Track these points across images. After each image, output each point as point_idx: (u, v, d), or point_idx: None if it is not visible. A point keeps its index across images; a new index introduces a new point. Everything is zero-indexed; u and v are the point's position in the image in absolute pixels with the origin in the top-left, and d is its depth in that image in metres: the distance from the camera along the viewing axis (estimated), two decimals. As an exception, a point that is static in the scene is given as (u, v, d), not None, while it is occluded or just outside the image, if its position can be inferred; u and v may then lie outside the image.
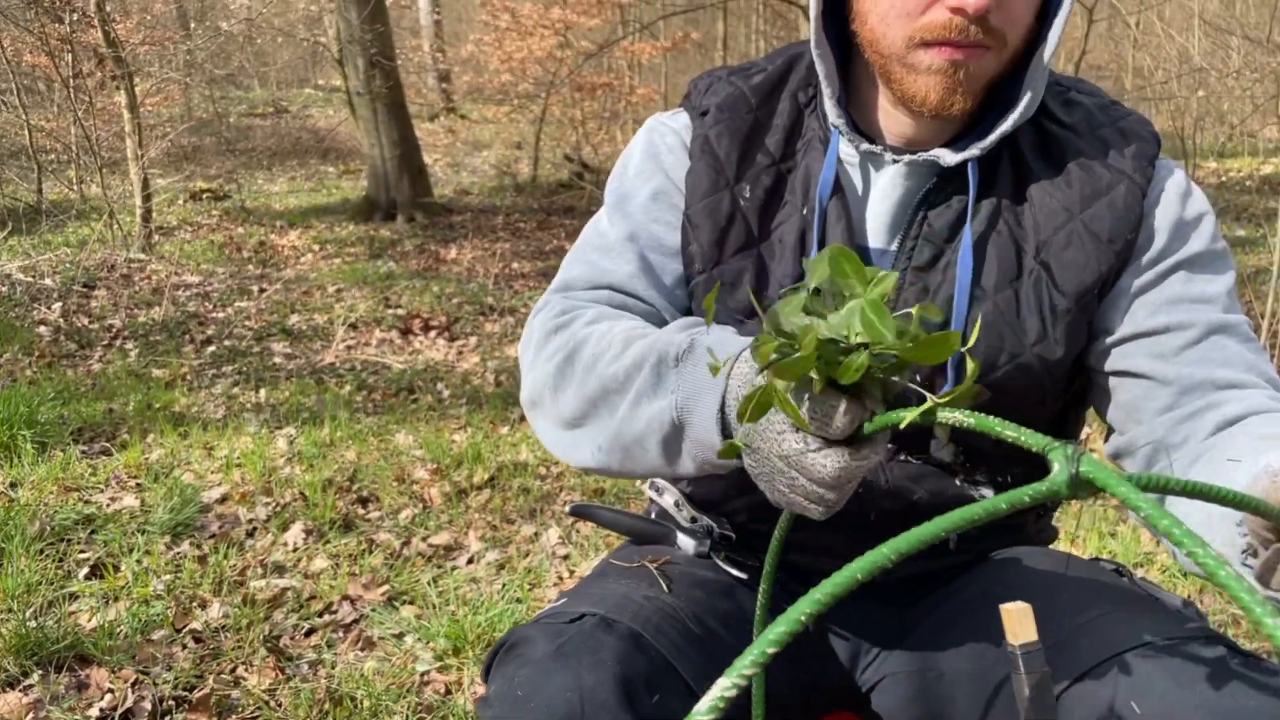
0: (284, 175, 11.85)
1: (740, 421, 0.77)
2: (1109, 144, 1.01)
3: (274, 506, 2.95)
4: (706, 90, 1.11)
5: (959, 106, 0.95)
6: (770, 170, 1.06)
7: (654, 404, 0.88)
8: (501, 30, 11.20)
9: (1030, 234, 1.00)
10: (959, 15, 0.89)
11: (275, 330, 5.36)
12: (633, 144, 1.15)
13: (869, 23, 0.96)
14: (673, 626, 0.97)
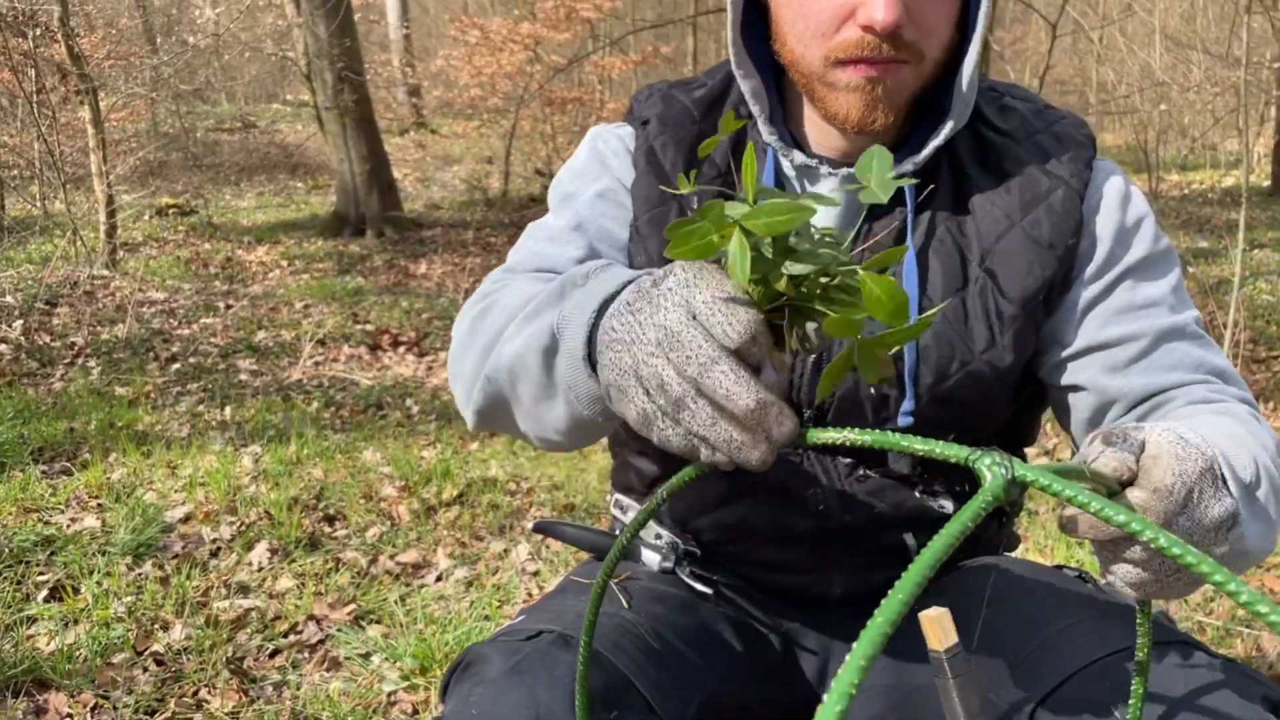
0: (252, 190, 11.76)
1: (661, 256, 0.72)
2: (1045, 149, 1.02)
3: (238, 526, 2.91)
4: (647, 101, 1.12)
5: (880, 122, 0.96)
6: (717, 181, 1.06)
7: (540, 319, 0.79)
8: (471, 45, 11.19)
9: (974, 242, 1.01)
10: (870, 33, 0.90)
11: (241, 347, 5.30)
12: (576, 153, 1.15)
13: (788, 44, 0.97)
14: (632, 643, 0.97)
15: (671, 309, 0.63)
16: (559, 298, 0.78)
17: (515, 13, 12.10)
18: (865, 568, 1.08)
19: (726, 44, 1.02)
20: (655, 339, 0.63)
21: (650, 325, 0.64)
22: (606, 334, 0.67)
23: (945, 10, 0.94)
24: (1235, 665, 0.82)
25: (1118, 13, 14.05)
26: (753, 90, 1.02)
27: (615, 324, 0.67)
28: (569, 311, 0.74)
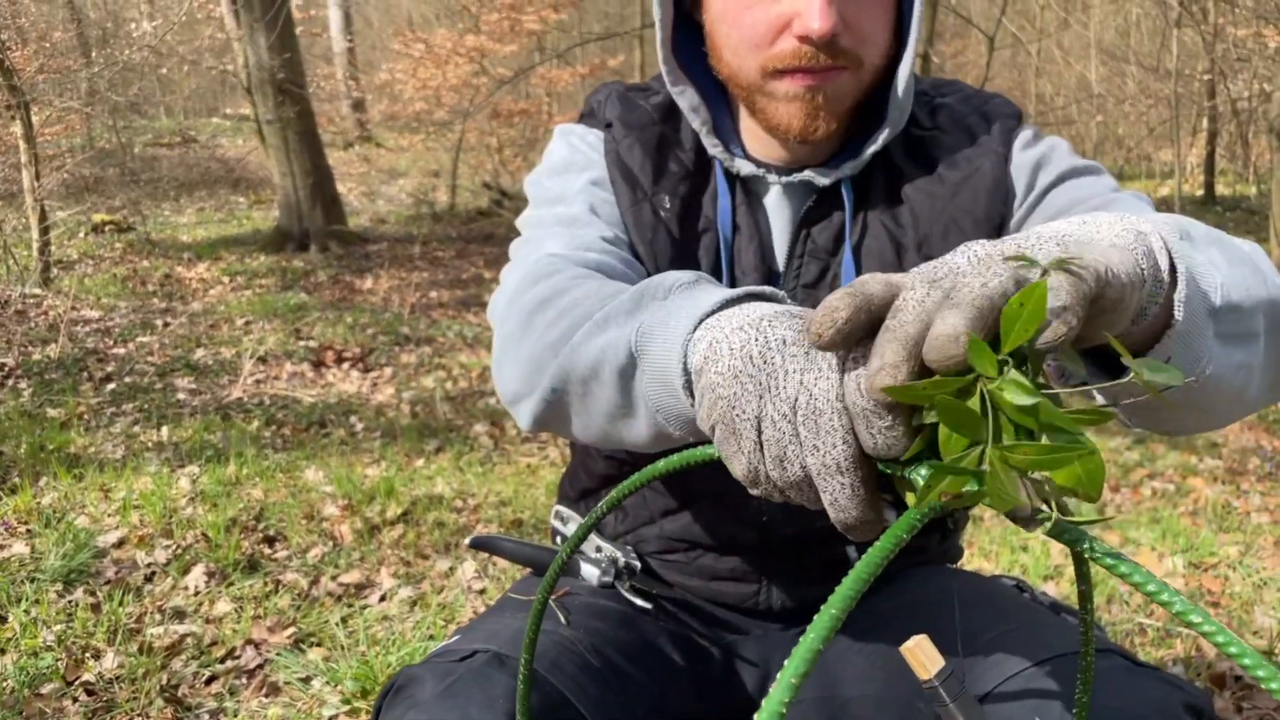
0: (192, 206, 11.54)
1: None
2: (975, 130, 1.04)
3: (174, 549, 2.83)
4: (606, 102, 1.10)
5: (822, 131, 0.96)
6: (685, 181, 1.05)
7: (618, 330, 0.72)
8: (416, 59, 11.12)
9: (909, 232, 1.01)
10: (806, 43, 0.90)
11: (180, 365, 5.18)
12: (551, 150, 1.12)
13: (724, 58, 0.97)
14: (570, 660, 0.95)
15: (824, 379, 0.55)
16: (634, 308, 0.73)
17: (460, 25, 12.04)
18: (806, 580, 1.08)
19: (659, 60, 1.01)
20: (793, 401, 0.55)
21: (794, 381, 0.56)
22: (728, 359, 0.59)
23: (881, 16, 0.94)
24: (1158, 673, 0.83)
25: (1054, 26, 14.38)
26: (691, 104, 1.01)
27: (751, 354, 0.58)
28: (651, 326, 0.68)
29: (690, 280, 0.72)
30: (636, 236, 1.03)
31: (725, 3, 0.94)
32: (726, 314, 0.63)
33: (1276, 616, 2.53)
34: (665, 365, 0.66)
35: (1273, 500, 3.46)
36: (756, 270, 1.03)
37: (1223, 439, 4.38)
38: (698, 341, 0.63)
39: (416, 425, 4.34)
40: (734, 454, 0.59)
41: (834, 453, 0.54)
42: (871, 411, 0.52)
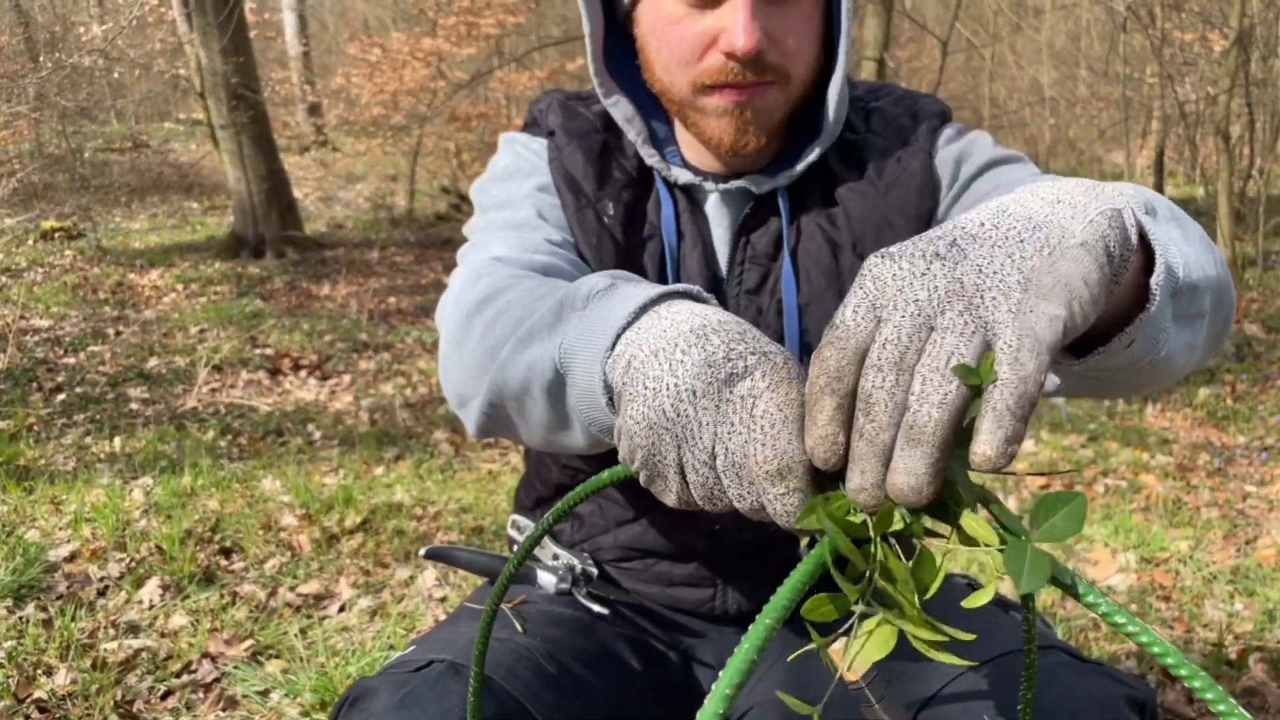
0: (144, 212, 11.35)
1: None
2: (905, 131, 1.06)
3: (128, 562, 2.79)
4: (548, 111, 1.11)
5: (753, 145, 0.97)
6: (629, 189, 1.06)
7: (542, 346, 0.73)
8: (372, 63, 11.03)
9: (845, 233, 1.03)
10: (732, 59, 0.91)
11: (132, 375, 5.09)
12: (495, 159, 1.13)
13: (656, 73, 0.99)
14: (526, 668, 0.95)
15: (736, 434, 0.57)
16: (555, 320, 0.73)
17: (417, 29, 11.97)
18: (761, 583, 1.09)
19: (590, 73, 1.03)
20: (710, 451, 0.58)
21: (709, 434, 0.58)
22: (641, 405, 0.60)
23: (806, 31, 0.95)
24: (1102, 667, 0.84)
25: (1007, 31, 14.60)
26: (625, 115, 1.03)
27: (664, 406, 0.59)
28: (573, 344, 0.69)
29: (606, 286, 0.72)
30: (582, 242, 1.04)
31: (654, 18, 0.96)
32: (643, 328, 0.64)
33: (1225, 610, 2.58)
34: (589, 386, 0.67)
35: (1222, 495, 3.54)
36: (701, 275, 1.04)
37: (1174, 436, 4.47)
38: (615, 360, 0.64)
39: (375, 433, 4.30)
40: (662, 492, 0.62)
41: (752, 494, 0.58)
42: (763, 476, 0.56)
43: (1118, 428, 4.62)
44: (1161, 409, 5.22)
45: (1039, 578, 0.51)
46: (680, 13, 0.93)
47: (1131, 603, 2.63)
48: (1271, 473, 3.82)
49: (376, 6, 17.62)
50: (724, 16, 0.91)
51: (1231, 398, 5.30)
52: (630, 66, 1.05)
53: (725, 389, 0.58)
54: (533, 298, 0.79)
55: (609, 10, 1.04)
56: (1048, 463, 3.89)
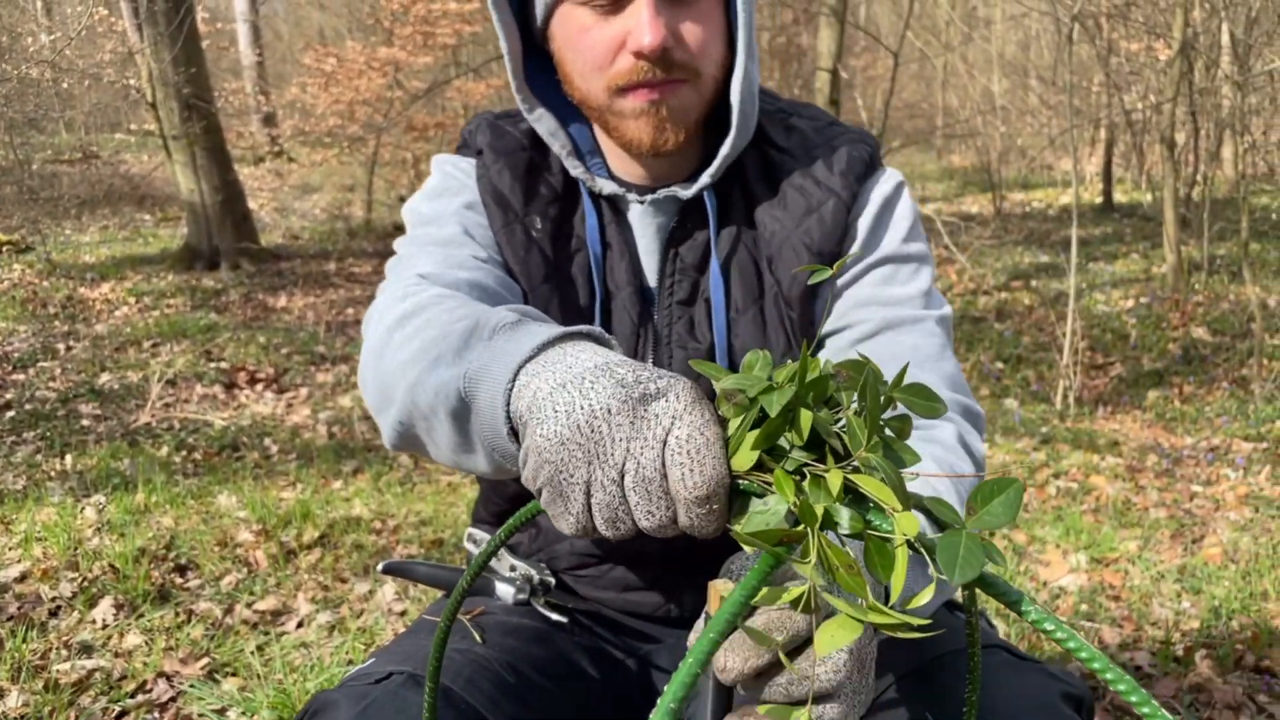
0: (95, 224, 11.17)
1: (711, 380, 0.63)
2: (823, 163, 1.08)
3: (81, 581, 2.74)
4: (476, 131, 1.14)
5: (672, 143, 1.00)
6: (555, 204, 1.09)
7: (447, 372, 0.75)
8: (328, 73, 10.94)
9: (763, 251, 1.06)
10: (641, 58, 0.94)
11: (83, 391, 5.01)
12: (427, 181, 1.15)
13: (574, 82, 1.02)
14: (485, 678, 0.96)
15: (650, 449, 0.60)
16: (462, 347, 0.75)
17: (373, 38, 11.90)
18: (715, 586, 1.10)
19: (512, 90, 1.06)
20: (621, 467, 0.61)
21: (621, 449, 0.60)
22: (552, 424, 0.62)
23: (710, 27, 0.98)
24: (1040, 665, 0.87)
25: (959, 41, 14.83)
26: (549, 129, 1.06)
27: (578, 422, 0.61)
28: (477, 373, 0.71)
29: (513, 321, 0.75)
30: (510, 257, 1.06)
31: (566, 29, 0.99)
32: (548, 363, 0.67)
33: (1173, 608, 2.65)
34: (492, 414, 0.69)
35: (1169, 496, 3.62)
36: (629, 285, 1.07)
37: (1123, 438, 4.56)
38: (519, 390, 0.67)
39: (333, 446, 4.27)
40: (560, 514, 0.64)
41: (667, 515, 0.60)
42: (692, 500, 0.58)
43: (1069, 430, 4.70)
44: (1111, 411, 5.33)
45: (972, 569, 0.51)
46: (589, 21, 0.96)
47: (1082, 602, 2.68)
48: (1217, 473, 3.91)
49: (332, 16, 17.50)
50: (629, 19, 0.94)
51: (1179, 399, 5.42)
52: (552, 82, 1.07)
53: (640, 406, 0.60)
54: (449, 319, 0.81)
55: (526, 30, 1.07)
56: (1000, 466, 3.95)
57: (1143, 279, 8.01)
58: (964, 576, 0.51)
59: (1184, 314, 6.79)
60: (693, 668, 0.49)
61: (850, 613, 0.55)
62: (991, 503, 0.54)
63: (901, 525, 0.54)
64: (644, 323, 1.07)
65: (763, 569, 0.55)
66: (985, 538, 0.54)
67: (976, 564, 0.52)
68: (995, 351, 6.58)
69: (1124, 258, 8.86)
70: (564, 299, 1.06)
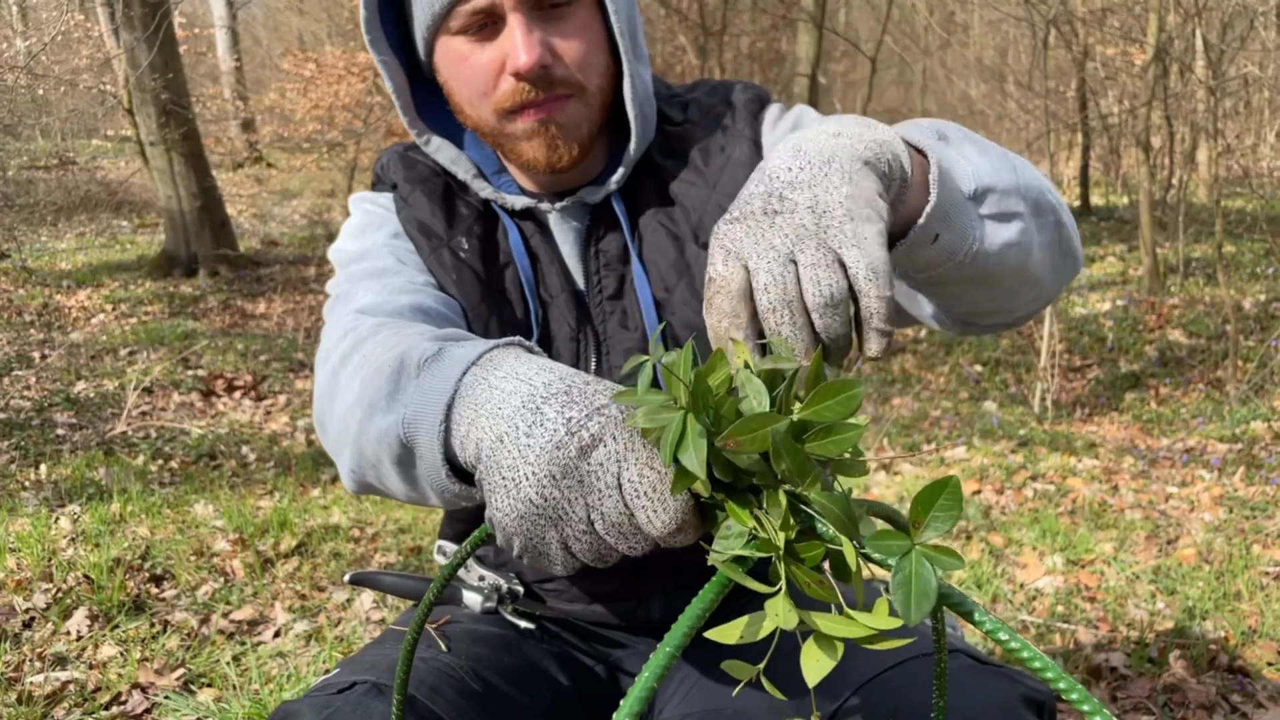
0: (71, 231, 11.08)
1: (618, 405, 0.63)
2: (722, 118, 1.09)
3: (55, 593, 2.72)
4: (389, 166, 1.14)
5: (566, 159, 1.01)
6: (479, 222, 1.09)
7: (385, 419, 0.76)
8: (307, 78, 10.91)
9: (684, 225, 1.06)
10: (520, 78, 0.95)
11: (59, 399, 4.97)
12: (348, 221, 1.15)
13: (464, 111, 1.02)
14: (451, 686, 0.96)
15: (608, 499, 0.62)
16: (394, 390, 0.77)
17: (352, 44, 11.87)
18: (682, 590, 1.11)
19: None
20: (587, 521, 0.63)
21: (580, 506, 0.63)
22: (504, 497, 0.64)
23: (588, 38, 0.98)
24: (1002, 669, 0.87)
25: (937, 46, 14.93)
26: (450, 158, 1.07)
27: (529, 496, 0.63)
28: (413, 419, 0.73)
29: (434, 353, 0.77)
30: (443, 280, 1.06)
31: (448, 60, 0.99)
32: (477, 403, 0.69)
33: (1148, 608, 2.67)
34: (433, 460, 0.72)
35: (1145, 497, 3.65)
36: (563, 291, 1.07)
37: (1100, 440, 4.60)
38: (461, 441, 0.69)
39: (312, 454, 4.25)
40: (549, 566, 0.67)
41: (647, 544, 0.63)
42: (664, 536, 0.61)
43: (1047, 433, 4.74)
44: (1089, 414, 5.37)
45: (927, 601, 0.51)
46: (467, 49, 0.97)
47: (1058, 604, 2.70)
48: (1192, 474, 3.95)
49: (311, 21, 17.44)
50: (504, 42, 0.95)
51: (1156, 401, 5.47)
52: (447, 108, 1.09)
53: (581, 462, 0.62)
54: (383, 354, 0.82)
55: (413, 66, 1.07)
56: (978, 469, 3.98)
57: (1119, 282, 8.08)
58: (920, 612, 0.51)
59: (1160, 316, 6.86)
60: (648, 681, 0.49)
61: (827, 629, 0.55)
62: (934, 507, 0.53)
63: (846, 554, 0.55)
64: (582, 326, 1.07)
65: (717, 585, 0.55)
66: (936, 547, 0.53)
67: (931, 593, 0.51)
68: (974, 355, 6.62)
69: (1101, 260, 8.94)
70: (501, 315, 1.06)
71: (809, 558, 0.56)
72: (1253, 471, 3.88)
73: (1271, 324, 6.19)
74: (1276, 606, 2.63)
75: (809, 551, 0.56)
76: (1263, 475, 3.81)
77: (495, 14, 0.94)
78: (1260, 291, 7.04)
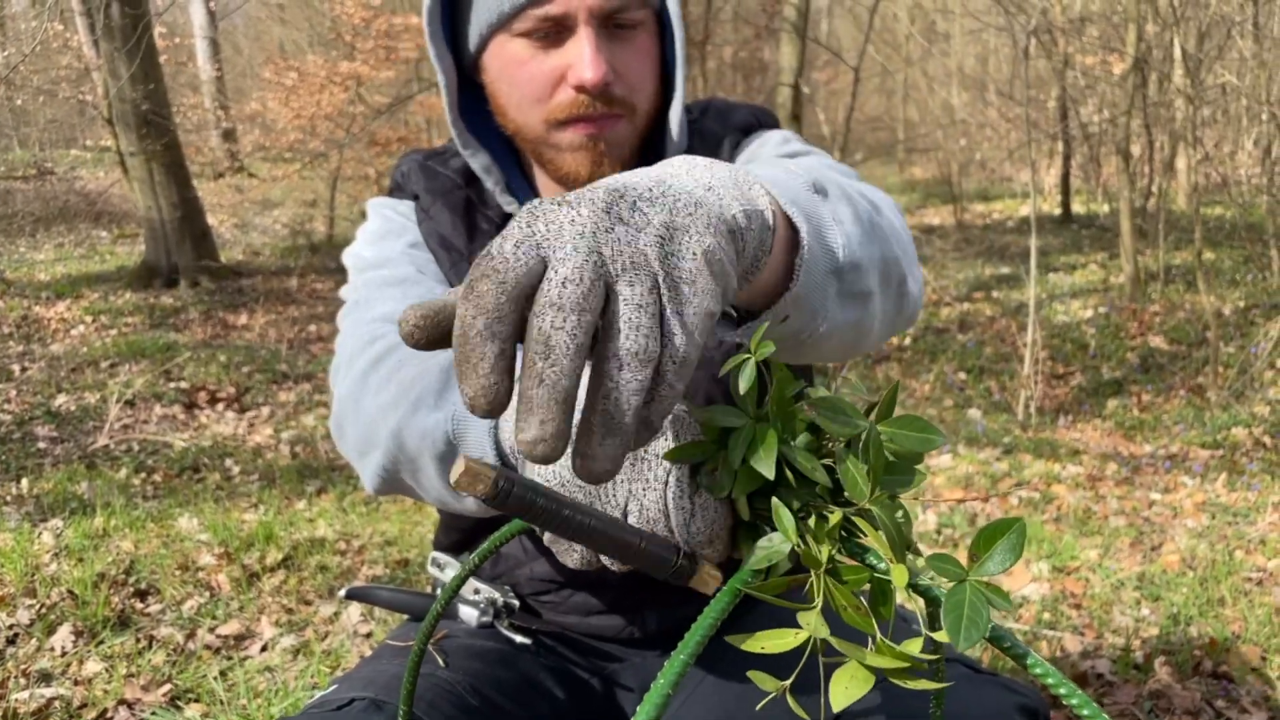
0: (50, 242, 10.99)
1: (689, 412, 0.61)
2: (720, 141, 1.10)
3: (38, 609, 2.69)
4: (408, 175, 1.13)
5: (608, 176, 1.00)
6: None
7: (432, 415, 0.74)
8: (288, 87, 10.87)
9: None
10: (582, 92, 0.95)
11: (39, 413, 4.92)
12: (365, 225, 1.14)
13: (509, 114, 1.01)
14: (449, 701, 0.96)
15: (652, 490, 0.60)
16: (443, 387, 0.75)
17: (334, 53, 11.84)
18: (677, 604, 1.11)
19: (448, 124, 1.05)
20: (623, 509, 0.61)
21: (623, 491, 0.61)
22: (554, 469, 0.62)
23: (647, 64, 1.00)
24: (997, 678, 0.88)
25: (918, 55, 15.03)
26: (483, 165, 1.06)
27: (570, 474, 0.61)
28: (464, 415, 0.71)
29: None
30: None
31: (502, 62, 0.99)
32: None
33: (1133, 615, 2.68)
34: (480, 456, 0.69)
35: (1129, 504, 3.67)
36: None
37: (1084, 447, 4.63)
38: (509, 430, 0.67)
39: (297, 466, 4.22)
40: (564, 551, 0.64)
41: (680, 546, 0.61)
42: (696, 543, 0.60)
43: (1031, 440, 4.77)
44: (1072, 420, 5.40)
45: (977, 630, 0.48)
46: (527, 54, 0.96)
47: (1044, 611, 2.71)
48: (1175, 480, 3.98)
49: (292, 30, 17.39)
50: (569, 53, 0.95)
51: (1138, 408, 5.51)
52: (480, 114, 1.07)
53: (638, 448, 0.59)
54: (424, 356, 0.80)
55: (457, 62, 1.06)
56: (963, 476, 4.00)
57: (1101, 289, 8.15)
58: (970, 640, 0.48)
59: (1141, 323, 6.91)
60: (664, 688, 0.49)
61: (858, 658, 0.53)
62: (994, 547, 0.51)
63: (895, 578, 0.53)
64: None
65: (724, 601, 0.55)
66: (990, 585, 0.51)
67: (982, 623, 0.48)
68: (958, 362, 6.65)
69: (1082, 268, 9.01)
70: None
71: (853, 580, 0.54)
72: (1234, 477, 3.92)
73: (1251, 330, 6.25)
74: (1259, 612, 2.65)
75: (854, 575, 0.54)
76: (1244, 481, 3.85)
77: (565, 24, 0.94)
78: (1240, 298, 7.11)
